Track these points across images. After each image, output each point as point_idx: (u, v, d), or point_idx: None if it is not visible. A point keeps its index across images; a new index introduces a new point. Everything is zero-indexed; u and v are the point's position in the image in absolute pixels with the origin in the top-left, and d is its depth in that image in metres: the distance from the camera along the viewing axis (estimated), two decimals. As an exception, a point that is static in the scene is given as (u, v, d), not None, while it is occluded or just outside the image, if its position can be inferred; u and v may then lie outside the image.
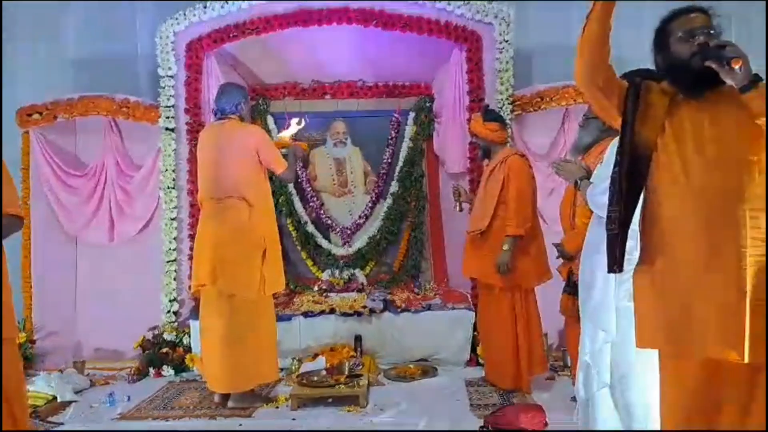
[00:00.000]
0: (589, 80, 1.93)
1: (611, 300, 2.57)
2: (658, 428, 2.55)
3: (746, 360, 1.74)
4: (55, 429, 3.21)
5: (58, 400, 3.54)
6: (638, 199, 1.94)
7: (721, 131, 1.81)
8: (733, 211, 1.78)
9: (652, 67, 2.03)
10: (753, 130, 1.76)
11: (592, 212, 2.77)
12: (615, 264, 1.96)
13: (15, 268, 4.33)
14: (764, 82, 1.72)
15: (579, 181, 2.84)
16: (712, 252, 1.81)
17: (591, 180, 2.78)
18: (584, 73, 1.93)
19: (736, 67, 1.68)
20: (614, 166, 1.97)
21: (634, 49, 2.86)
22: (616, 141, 2.67)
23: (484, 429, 3.02)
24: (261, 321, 3.40)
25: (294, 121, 3.69)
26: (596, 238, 2.69)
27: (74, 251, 4.60)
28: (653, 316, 1.94)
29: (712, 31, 1.86)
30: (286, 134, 3.63)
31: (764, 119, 1.72)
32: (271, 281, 3.40)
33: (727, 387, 1.84)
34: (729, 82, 1.73)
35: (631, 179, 1.90)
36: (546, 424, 3.02)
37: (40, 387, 3.56)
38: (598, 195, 2.60)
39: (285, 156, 3.47)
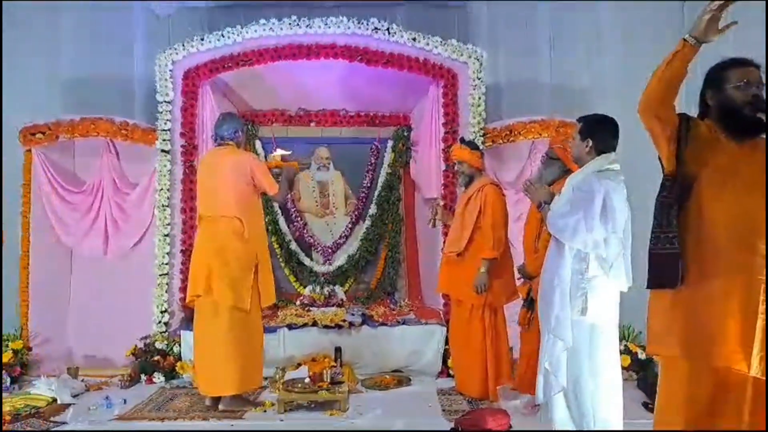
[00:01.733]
0: (653, 111, 2.10)
1: (568, 314, 2.94)
2: (604, 427, 2.92)
3: (752, 373, 1.98)
4: (58, 428, 3.43)
5: (58, 402, 3.77)
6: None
7: (753, 173, 2.06)
8: (755, 242, 2.03)
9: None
10: None
11: (550, 236, 3.16)
12: (678, 281, 2.08)
13: (14, 277, 4.55)
14: None
15: (543, 204, 3.22)
16: (734, 274, 2.04)
17: (551, 207, 3.17)
18: (651, 103, 2.09)
19: None
20: (662, 190, 2.17)
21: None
22: (573, 175, 3.08)
23: (455, 430, 3.32)
24: (250, 331, 3.66)
25: (279, 149, 4.03)
26: (554, 258, 3.08)
27: (70, 263, 4.81)
28: (668, 325, 2.15)
29: (761, 85, 2.10)
30: (277, 155, 3.94)
31: None
32: (264, 295, 3.71)
33: (727, 395, 2.05)
34: None
35: (679, 204, 2.10)
36: (510, 426, 3.32)
37: (41, 390, 3.80)
38: (558, 220, 2.99)
39: (278, 176, 3.78)
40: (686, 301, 2.10)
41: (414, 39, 4.76)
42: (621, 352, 3.45)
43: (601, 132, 3.00)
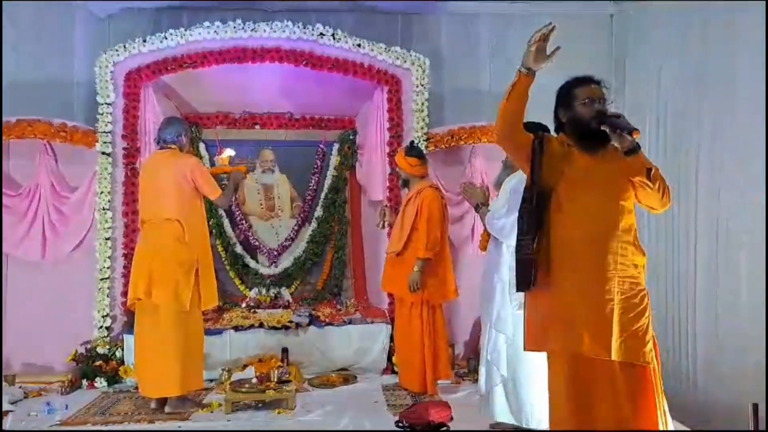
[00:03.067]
0: (506, 139, 2.38)
1: (508, 309, 3.12)
2: (541, 416, 3.10)
3: (613, 357, 2.21)
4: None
5: (-5, 409, 3.66)
6: (541, 228, 2.33)
7: (604, 179, 2.28)
8: (608, 240, 2.26)
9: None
10: (626, 182, 2.26)
11: (490, 236, 3.33)
12: (531, 283, 2.30)
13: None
14: (641, 150, 2.20)
15: (480, 206, 3.39)
16: (591, 271, 2.26)
17: (489, 208, 3.35)
18: (503, 134, 2.37)
19: (636, 137, 2.16)
20: (523, 202, 2.41)
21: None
22: (509, 178, 3.26)
23: (399, 423, 3.45)
24: (191, 333, 3.65)
25: (227, 150, 4.06)
26: (493, 257, 3.26)
27: (4, 267, 4.66)
28: (540, 323, 2.37)
29: (604, 100, 2.35)
30: (225, 156, 3.96)
31: (639, 177, 2.21)
32: (206, 297, 3.72)
33: (600, 382, 2.25)
34: (616, 145, 2.20)
35: (539, 213, 2.32)
36: (451, 418, 3.47)
37: (-24, 398, 3.68)
38: (496, 221, 3.17)
39: (225, 181, 3.80)
40: (552, 299, 2.32)
41: (359, 45, 4.84)
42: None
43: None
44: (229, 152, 4.03)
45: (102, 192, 4.62)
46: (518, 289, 2.40)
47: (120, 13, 5.06)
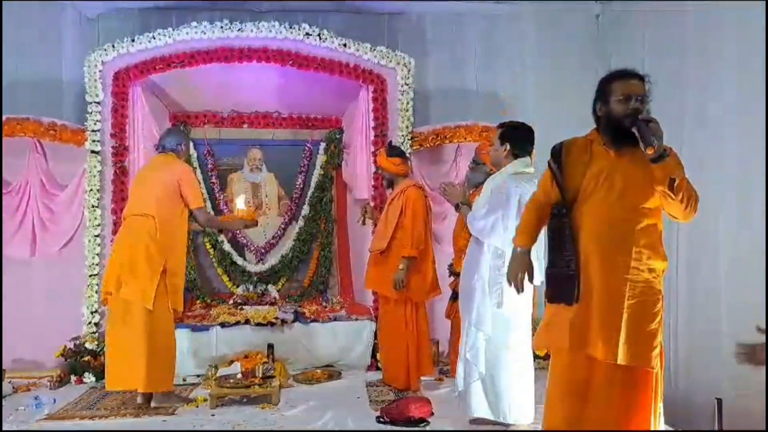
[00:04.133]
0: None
1: (488, 307, 3.18)
2: (518, 411, 3.19)
3: (619, 361, 2.21)
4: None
5: (-17, 404, 3.73)
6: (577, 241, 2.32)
7: (627, 181, 2.26)
8: (621, 244, 2.25)
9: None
10: (649, 187, 2.23)
11: (470, 235, 3.39)
12: (574, 299, 2.30)
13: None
14: (671, 157, 2.13)
15: (460, 204, 3.45)
16: (601, 273, 2.26)
17: (470, 208, 3.41)
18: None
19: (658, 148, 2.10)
20: (551, 219, 2.42)
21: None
22: (491, 178, 3.32)
23: (380, 418, 3.52)
24: (158, 332, 3.65)
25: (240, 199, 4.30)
26: (474, 256, 3.32)
27: (-6, 265, 4.73)
28: (549, 320, 2.42)
29: (644, 98, 2.27)
30: (241, 205, 4.16)
31: (662, 187, 2.16)
32: (171, 299, 3.73)
33: (598, 382, 2.27)
34: (644, 150, 2.14)
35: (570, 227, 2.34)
36: (432, 413, 3.54)
37: (-35, 392, 3.75)
38: (477, 220, 3.23)
39: (235, 222, 4.08)
40: (580, 305, 2.31)
41: (344, 45, 4.91)
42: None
43: (518, 138, 3.26)
44: (241, 201, 4.24)
45: (91, 190, 4.68)
46: (551, 302, 2.42)
47: (109, 13, 5.14)
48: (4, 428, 3.41)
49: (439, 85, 5.53)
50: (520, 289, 2.53)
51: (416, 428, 3.39)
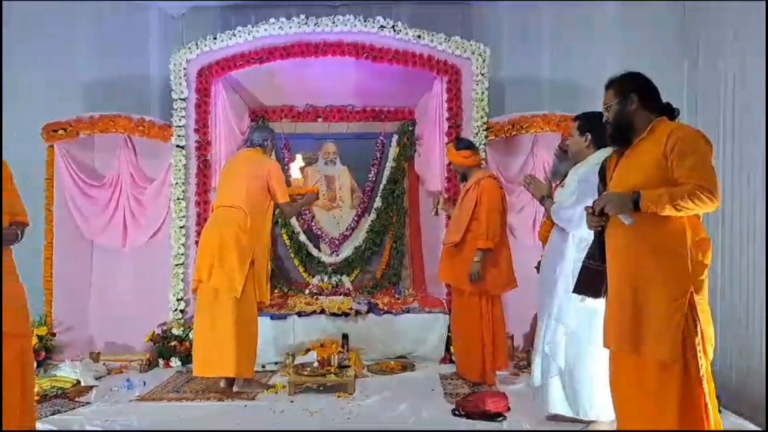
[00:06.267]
0: None
1: (571, 300, 3.09)
2: (599, 408, 3.10)
3: (631, 351, 2.29)
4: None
5: (82, 383, 4.01)
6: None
7: (627, 175, 2.36)
8: (635, 242, 2.31)
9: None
10: (650, 178, 2.27)
11: (552, 226, 3.30)
12: (602, 293, 2.50)
13: (38, 267, 4.78)
14: (644, 200, 2.21)
15: (545, 198, 3.36)
16: (619, 269, 2.36)
17: (555, 199, 3.32)
18: None
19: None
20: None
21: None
22: (575, 168, 3.23)
23: (455, 411, 3.51)
24: (243, 320, 3.78)
25: (297, 158, 4.38)
26: (556, 247, 3.23)
27: (90, 254, 5.05)
28: (606, 322, 2.47)
29: (609, 106, 2.47)
30: (296, 174, 4.27)
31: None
32: (260, 290, 3.87)
33: (632, 379, 2.35)
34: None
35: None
36: (508, 408, 3.49)
37: (66, 372, 4.07)
38: (566, 210, 3.14)
39: (298, 198, 4.12)
40: (609, 300, 2.47)
41: (419, 36, 4.89)
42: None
43: (599, 127, 3.14)
44: (299, 162, 4.31)
45: (176, 183, 4.89)
46: (576, 292, 2.64)
47: (190, 12, 5.35)
48: (93, 408, 3.63)
49: (513, 74, 5.43)
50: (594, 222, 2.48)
51: (492, 422, 3.35)
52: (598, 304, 3.03)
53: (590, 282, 2.56)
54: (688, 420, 2.20)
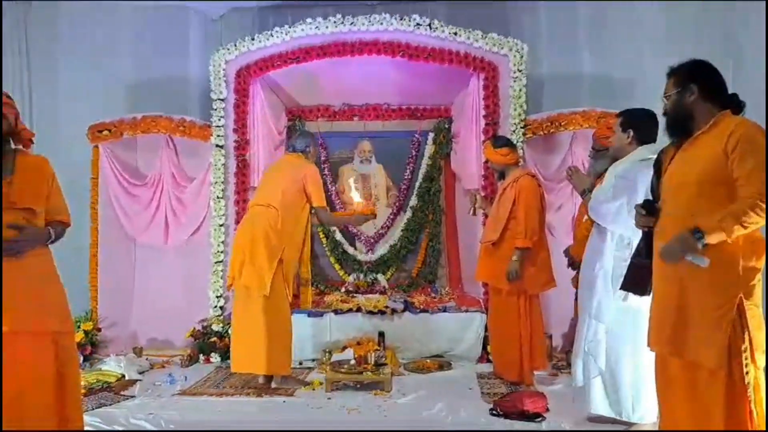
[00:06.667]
0: None
1: (610, 298, 3.04)
2: (643, 409, 3.03)
3: (670, 354, 2.26)
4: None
5: (126, 378, 4.13)
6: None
7: (683, 172, 2.28)
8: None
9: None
10: (708, 179, 2.19)
11: (592, 224, 3.25)
12: (645, 291, 2.51)
13: (83, 264, 4.94)
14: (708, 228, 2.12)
15: (585, 192, 3.31)
16: (662, 271, 2.31)
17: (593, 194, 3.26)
18: None
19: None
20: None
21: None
22: (615, 164, 3.17)
23: (493, 410, 3.48)
24: (274, 318, 3.81)
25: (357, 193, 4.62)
26: (596, 244, 3.17)
27: (133, 252, 5.18)
28: (650, 323, 2.44)
29: (669, 96, 2.35)
30: (358, 198, 4.44)
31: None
32: (288, 289, 3.89)
33: (674, 381, 2.30)
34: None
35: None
36: (547, 409, 3.44)
37: (111, 367, 4.19)
38: (602, 204, 3.08)
39: (353, 217, 4.36)
40: (654, 301, 2.44)
41: (455, 33, 4.86)
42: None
43: (641, 124, 3.09)
44: (358, 195, 4.55)
45: (216, 182, 4.98)
46: (623, 288, 2.64)
47: (229, 14, 5.44)
48: (137, 402, 3.71)
49: (550, 70, 5.36)
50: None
51: (530, 423, 3.31)
52: (641, 303, 2.98)
53: (636, 278, 2.53)
54: (732, 428, 2.13)
